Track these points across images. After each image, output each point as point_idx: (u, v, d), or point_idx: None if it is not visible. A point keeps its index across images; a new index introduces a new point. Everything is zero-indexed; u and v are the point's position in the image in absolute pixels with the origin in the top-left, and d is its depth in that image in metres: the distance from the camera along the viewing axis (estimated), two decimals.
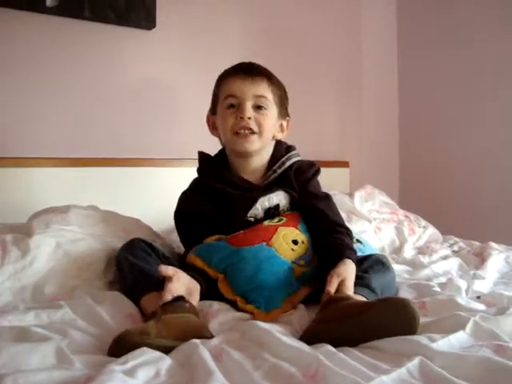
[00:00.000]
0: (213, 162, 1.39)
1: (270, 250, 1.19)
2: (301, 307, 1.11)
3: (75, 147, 1.83)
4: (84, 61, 1.86)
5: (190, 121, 2.08)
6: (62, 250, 1.27)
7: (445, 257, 1.73)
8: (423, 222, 2.10)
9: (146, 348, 0.85)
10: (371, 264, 1.22)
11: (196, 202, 1.33)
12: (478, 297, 1.23)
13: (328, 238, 1.23)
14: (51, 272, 1.22)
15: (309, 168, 1.39)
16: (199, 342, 0.88)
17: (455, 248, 1.88)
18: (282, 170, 1.35)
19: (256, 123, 1.28)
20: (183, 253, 1.33)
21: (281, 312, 1.10)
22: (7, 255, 1.20)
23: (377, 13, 2.77)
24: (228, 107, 1.30)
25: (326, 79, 2.56)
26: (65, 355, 0.84)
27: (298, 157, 1.40)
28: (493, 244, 1.79)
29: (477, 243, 1.87)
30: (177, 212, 1.38)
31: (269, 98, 1.30)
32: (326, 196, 1.37)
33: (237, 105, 1.28)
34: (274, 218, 1.29)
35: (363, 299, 1.08)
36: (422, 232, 2.03)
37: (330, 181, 2.22)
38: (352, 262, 1.15)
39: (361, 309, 0.93)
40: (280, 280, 1.15)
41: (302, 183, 1.35)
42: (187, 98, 2.08)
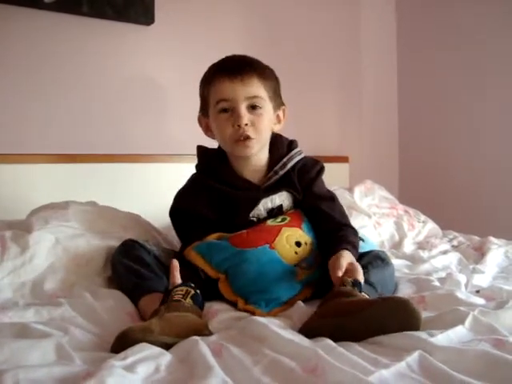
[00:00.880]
0: (212, 159, 1.35)
1: (273, 253, 1.17)
2: (299, 303, 1.11)
3: (73, 143, 1.83)
4: (82, 57, 1.85)
5: (189, 117, 2.07)
6: (62, 246, 1.27)
7: (444, 251, 1.73)
8: (423, 217, 2.10)
9: (146, 344, 0.85)
10: (370, 260, 1.22)
11: (191, 201, 1.30)
12: (478, 291, 1.23)
13: (332, 237, 1.23)
14: (51, 268, 1.23)
15: (313, 167, 1.35)
16: (199, 338, 0.88)
17: (455, 243, 1.88)
18: (285, 171, 1.31)
19: (253, 128, 1.23)
20: (179, 248, 1.32)
21: (281, 311, 1.10)
22: (7, 251, 1.20)
23: (376, 11, 2.76)
24: (221, 111, 1.24)
25: (327, 75, 2.56)
26: (65, 351, 0.85)
27: (301, 155, 1.35)
28: (492, 238, 1.79)
29: (476, 238, 1.88)
30: (172, 210, 1.36)
31: (262, 96, 1.24)
32: (331, 197, 1.34)
33: (230, 109, 1.23)
34: (277, 218, 1.27)
35: (363, 295, 1.08)
36: (422, 227, 2.03)
37: (330, 176, 2.19)
38: (350, 254, 1.14)
39: (362, 306, 0.92)
40: (282, 283, 1.14)
41: (306, 183, 1.32)
42: (186, 94, 2.07)
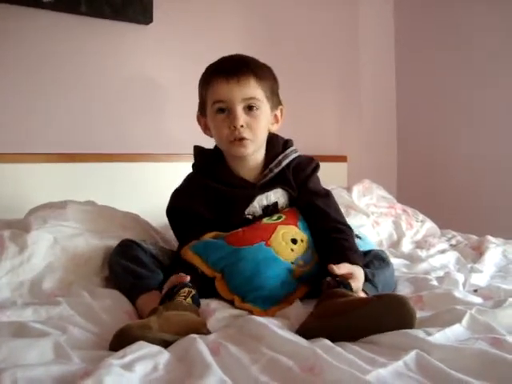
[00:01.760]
0: (209, 159, 1.35)
1: (269, 251, 1.17)
2: (297, 302, 1.11)
3: (72, 142, 1.83)
4: (80, 56, 1.85)
5: (188, 116, 2.07)
6: (60, 246, 1.27)
7: (442, 251, 1.73)
8: (421, 216, 2.10)
9: (144, 342, 0.85)
10: (371, 259, 1.22)
11: (188, 200, 1.30)
12: (475, 290, 1.23)
13: (330, 238, 1.21)
14: (49, 267, 1.23)
15: (308, 164, 1.34)
16: (197, 337, 0.88)
17: (453, 242, 1.88)
18: (280, 169, 1.31)
19: (249, 129, 1.22)
20: (177, 248, 1.31)
21: (278, 309, 1.10)
22: (5, 251, 1.20)
23: (375, 11, 2.77)
24: (218, 112, 1.24)
25: (325, 75, 2.56)
26: (63, 350, 0.85)
27: (296, 153, 1.35)
28: (490, 238, 1.79)
29: (474, 237, 1.88)
30: (168, 209, 1.35)
31: (259, 97, 1.23)
32: (326, 193, 1.33)
33: (226, 110, 1.22)
34: (273, 216, 1.26)
35: (363, 294, 1.08)
36: (420, 226, 2.04)
37: (328, 175, 2.21)
38: (362, 269, 1.13)
39: (357, 305, 0.92)
40: (279, 281, 1.14)
41: (301, 181, 1.32)
42: (185, 93, 2.07)
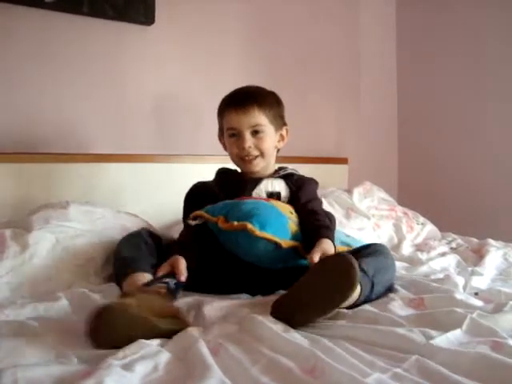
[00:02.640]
0: (230, 171, 1.55)
1: (269, 204, 1.32)
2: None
3: (73, 142, 1.83)
4: (83, 56, 1.85)
5: (188, 117, 2.08)
6: (61, 246, 1.27)
7: (443, 254, 1.73)
8: (421, 219, 2.10)
9: (144, 342, 0.86)
10: (370, 251, 1.27)
11: (205, 185, 1.49)
12: (476, 293, 1.23)
13: (310, 217, 1.35)
14: (50, 267, 1.23)
15: (309, 179, 1.53)
16: (197, 336, 0.89)
17: (453, 245, 1.88)
18: (285, 174, 1.50)
19: (256, 148, 1.44)
20: (179, 233, 1.36)
21: (271, 238, 1.18)
22: (6, 250, 1.21)
23: (376, 12, 2.77)
24: (231, 136, 1.46)
25: (325, 77, 2.56)
26: (62, 349, 0.85)
27: (300, 173, 1.55)
28: (491, 241, 1.79)
29: (475, 240, 1.88)
30: (188, 191, 1.49)
31: (263, 123, 1.44)
32: (317, 198, 1.48)
33: (237, 134, 1.44)
34: None
35: None
36: (421, 229, 2.04)
37: (329, 177, 2.22)
38: (329, 240, 1.22)
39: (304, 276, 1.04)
40: (277, 221, 1.25)
41: (300, 185, 1.48)
42: (185, 95, 2.08)
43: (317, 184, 1.54)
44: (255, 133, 1.44)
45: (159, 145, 2.00)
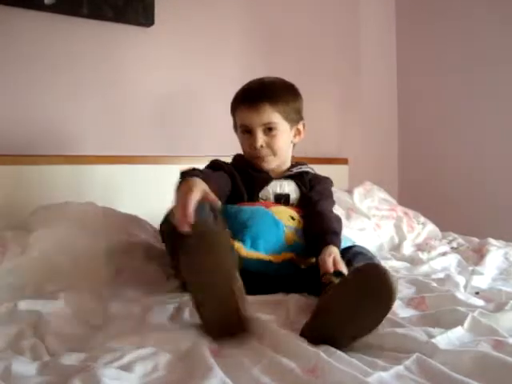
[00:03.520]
0: (244, 158, 1.48)
1: (268, 211, 1.28)
2: (294, 296, 1.12)
3: (72, 144, 1.83)
4: (82, 58, 1.85)
5: (189, 117, 2.08)
6: (61, 247, 1.27)
7: (443, 253, 1.73)
8: (422, 219, 2.10)
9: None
10: (350, 257, 1.20)
11: (225, 164, 1.43)
12: (477, 292, 1.23)
13: (316, 220, 1.30)
14: (50, 268, 1.23)
15: (324, 178, 1.51)
16: (199, 336, 0.88)
17: (454, 244, 1.88)
18: (298, 171, 1.46)
19: (268, 148, 1.40)
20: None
21: (258, 257, 1.15)
22: (7, 252, 1.21)
23: (376, 11, 2.77)
24: (243, 132, 1.43)
25: (325, 77, 2.56)
26: (59, 347, 0.84)
27: (315, 171, 1.52)
28: (492, 240, 1.79)
29: (476, 239, 1.88)
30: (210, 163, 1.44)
31: (276, 121, 1.39)
32: (330, 196, 1.45)
33: (250, 131, 1.40)
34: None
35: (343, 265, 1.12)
36: (421, 229, 2.03)
37: (330, 177, 2.22)
38: (335, 247, 1.18)
39: (331, 296, 0.94)
40: (271, 232, 1.22)
41: (314, 183, 1.46)
42: (186, 96, 2.08)
43: (331, 183, 1.51)
44: (268, 130, 1.39)
45: (159, 146, 2.00)
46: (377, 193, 2.18)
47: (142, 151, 1.95)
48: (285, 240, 1.23)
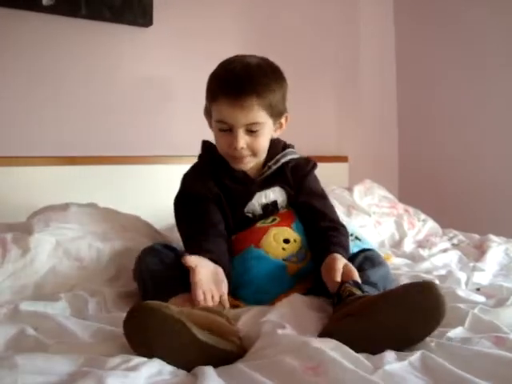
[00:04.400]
0: (215, 154, 1.32)
1: (258, 251, 1.19)
2: (295, 295, 1.11)
3: (73, 145, 1.83)
4: (80, 59, 1.86)
5: (187, 118, 2.07)
6: (62, 249, 1.27)
7: (444, 250, 1.73)
8: (423, 216, 2.10)
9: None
10: (362, 261, 1.19)
11: (204, 181, 1.29)
12: (478, 289, 1.24)
13: (326, 236, 1.22)
14: (51, 270, 1.23)
15: (305, 164, 1.37)
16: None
17: (455, 241, 1.88)
18: (278, 167, 1.32)
19: (249, 148, 1.24)
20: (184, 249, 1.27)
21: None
22: (7, 254, 1.20)
23: (375, 9, 2.76)
24: (221, 129, 1.24)
25: (324, 74, 2.56)
26: (63, 350, 0.84)
27: (295, 154, 1.36)
28: (492, 236, 1.79)
29: (476, 236, 1.88)
30: (180, 194, 1.32)
31: (262, 121, 1.22)
32: (323, 195, 1.37)
33: (229, 129, 1.22)
34: (268, 218, 1.28)
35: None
36: (422, 225, 2.03)
37: (329, 176, 2.21)
38: (342, 257, 1.13)
39: (375, 301, 0.91)
40: (272, 278, 1.15)
41: (299, 179, 1.34)
42: (184, 96, 2.08)
43: (315, 165, 1.38)
44: (251, 131, 1.22)
45: (159, 146, 2.01)
46: (377, 190, 2.18)
47: (142, 151, 1.95)
48: (288, 277, 1.17)
